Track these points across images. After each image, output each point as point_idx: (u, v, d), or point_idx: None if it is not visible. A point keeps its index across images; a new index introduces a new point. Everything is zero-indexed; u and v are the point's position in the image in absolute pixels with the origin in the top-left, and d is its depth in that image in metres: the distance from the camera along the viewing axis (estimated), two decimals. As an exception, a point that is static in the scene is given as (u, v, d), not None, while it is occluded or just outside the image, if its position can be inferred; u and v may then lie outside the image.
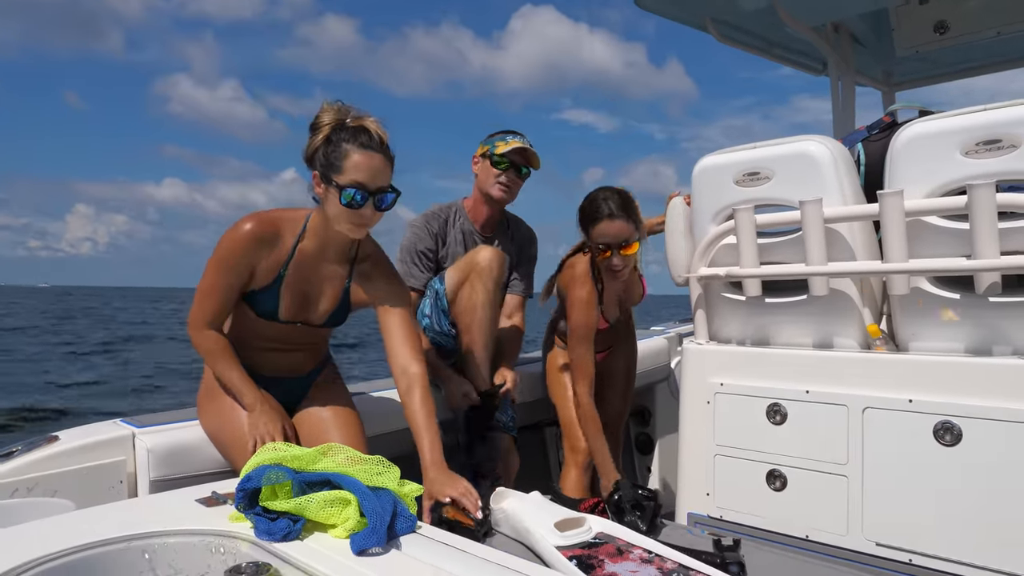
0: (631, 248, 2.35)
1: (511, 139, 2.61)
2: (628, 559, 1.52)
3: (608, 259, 2.36)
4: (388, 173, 1.89)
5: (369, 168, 1.83)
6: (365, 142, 1.84)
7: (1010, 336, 1.74)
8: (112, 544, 1.25)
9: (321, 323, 2.12)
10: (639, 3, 3.14)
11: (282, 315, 2.04)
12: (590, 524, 1.62)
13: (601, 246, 2.34)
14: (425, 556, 1.15)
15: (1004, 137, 1.66)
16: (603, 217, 2.33)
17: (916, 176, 1.80)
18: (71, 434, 1.99)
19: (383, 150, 1.87)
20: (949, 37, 3.26)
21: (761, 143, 2.08)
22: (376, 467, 1.34)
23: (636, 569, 1.48)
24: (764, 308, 2.14)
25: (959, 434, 1.71)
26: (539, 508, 1.68)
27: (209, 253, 1.97)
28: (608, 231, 2.33)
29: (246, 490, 1.27)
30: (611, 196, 2.36)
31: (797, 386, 1.99)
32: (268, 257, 1.96)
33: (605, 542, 1.58)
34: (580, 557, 1.52)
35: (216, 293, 1.95)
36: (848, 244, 1.95)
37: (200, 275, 1.99)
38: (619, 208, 2.33)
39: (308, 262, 2.02)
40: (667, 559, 1.50)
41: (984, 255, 1.66)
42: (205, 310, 1.96)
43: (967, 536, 1.69)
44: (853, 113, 3.58)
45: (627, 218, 2.34)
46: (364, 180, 1.82)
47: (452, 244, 2.68)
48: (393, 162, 1.91)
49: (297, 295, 2.04)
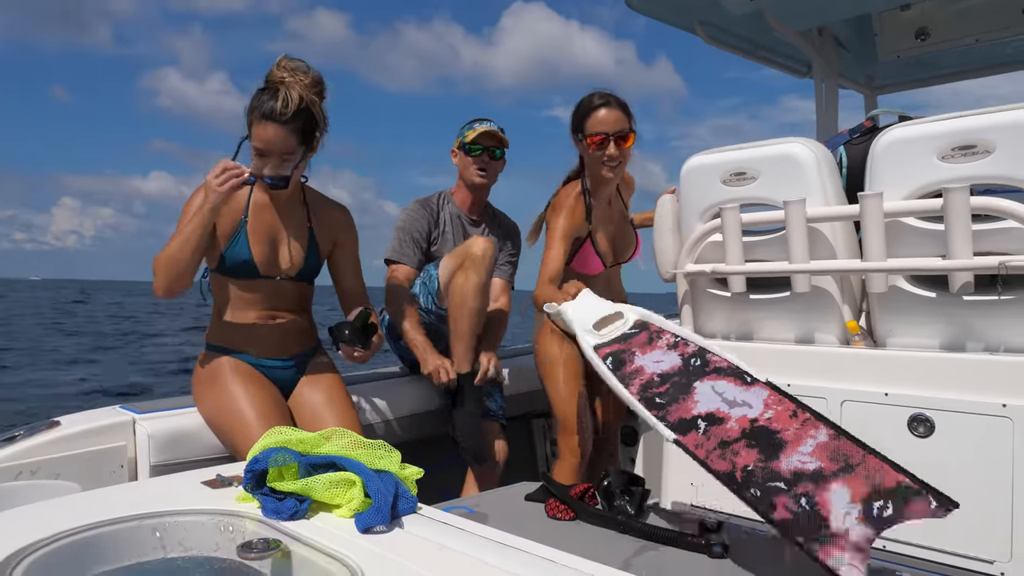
0: (628, 140, 2.30)
1: (478, 125, 2.77)
2: (656, 347, 1.72)
3: (603, 147, 2.28)
4: (289, 141, 2.00)
5: (267, 138, 1.99)
6: (268, 111, 1.97)
7: (982, 333, 1.82)
8: (123, 523, 1.29)
9: (297, 272, 2.20)
10: (630, 4, 3.21)
11: (258, 265, 2.12)
12: (627, 316, 1.84)
13: (597, 136, 2.28)
14: (427, 534, 1.21)
15: (978, 143, 1.74)
16: (598, 106, 2.28)
17: (895, 179, 1.87)
18: (72, 419, 2.04)
19: (282, 119, 1.97)
20: (930, 43, 3.36)
21: (747, 144, 2.15)
22: (379, 451, 1.40)
23: (661, 358, 1.66)
24: (748, 304, 2.21)
25: (932, 426, 1.79)
26: (585, 310, 1.96)
27: None
28: (606, 119, 2.27)
29: (254, 471, 1.32)
30: (604, 91, 2.33)
31: (779, 379, 2.06)
32: (227, 211, 2.08)
33: (639, 331, 1.79)
34: (614, 353, 1.73)
35: (180, 234, 2.00)
36: (830, 243, 2.02)
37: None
38: (615, 101, 2.29)
39: (264, 209, 2.15)
40: (690, 343, 1.71)
41: (958, 255, 1.74)
42: (162, 252, 2.03)
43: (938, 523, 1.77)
44: (836, 115, 3.66)
45: (623, 109, 2.29)
46: (261, 147, 2.01)
47: (443, 226, 2.81)
48: (304, 128, 2.02)
49: (265, 241, 2.13)
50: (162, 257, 2.00)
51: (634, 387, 1.67)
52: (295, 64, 2.04)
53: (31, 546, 1.18)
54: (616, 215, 2.68)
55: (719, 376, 1.65)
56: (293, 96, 1.98)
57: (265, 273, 2.15)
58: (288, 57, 2.05)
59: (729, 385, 1.64)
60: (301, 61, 2.05)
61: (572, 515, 1.67)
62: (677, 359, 1.64)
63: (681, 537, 1.50)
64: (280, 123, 1.98)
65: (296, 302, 2.25)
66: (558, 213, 2.43)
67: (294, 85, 1.99)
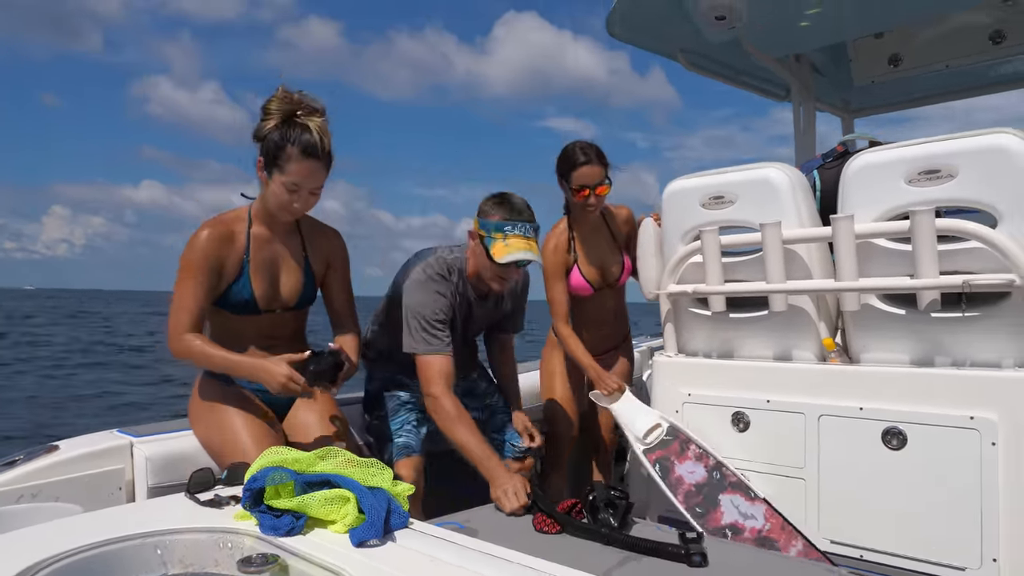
0: (605, 189, 2.69)
1: (511, 233, 2.24)
2: (687, 457, 2.21)
3: (586, 198, 2.67)
4: (323, 175, 2.10)
5: (307, 174, 2.05)
6: (308, 148, 2.03)
7: (949, 348, 1.90)
8: (125, 541, 1.34)
9: (295, 302, 2.25)
10: (612, 33, 3.30)
11: (259, 301, 2.16)
12: (663, 425, 2.29)
13: (582, 190, 2.66)
14: (419, 547, 1.27)
15: (943, 168, 1.83)
16: (580, 164, 2.65)
17: (865, 202, 1.96)
18: (70, 443, 2.08)
19: (322, 155, 2.06)
20: (903, 69, 3.48)
21: (726, 169, 2.24)
22: (372, 469, 1.45)
23: (693, 469, 2.19)
24: (728, 323, 2.29)
25: (904, 439, 1.86)
26: (631, 415, 2.42)
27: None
28: (588, 175, 2.65)
29: (252, 490, 1.38)
30: (586, 146, 2.68)
31: (759, 395, 2.14)
32: (230, 251, 2.11)
33: (673, 439, 2.25)
34: (660, 460, 2.23)
35: (191, 299, 2.05)
36: (805, 264, 2.10)
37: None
38: (595, 156, 2.66)
39: (265, 244, 2.18)
40: (710, 456, 2.18)
41: (925, 275, 1.82)
42: (183, 318, 2.05)
43: (912, 533, 1.84)
44: (814, 138, 3.77)
45: (600, 164, 2.67)
46: (300, 183, 2.05)
47: (456, 309, 2.45)
48: (331, 162, 2.11)
49: (266, 277, 2.17)
50: (195, 354, 2.05)
51: (680, 496, 2.19)
52: (311, 99, 2.09)
53: (36, 566, 1.22)
54: (603, 242, 2.85)
55: (733, 491, 2.14)
56: (326, 133, 2.07)
57: (265, 308, 2.18)
58: (287, 88, 2.09)
59: (741, 499, 2.12)
60: (304, 93, 2.11)
61: (558, 529, 1.73)
62: (703, 472, 2.18)
63: (662, 547, 1.56)
64: (319, 159, 2.05)
65: (293, 330, 2.29)
66: (546, 254, 2.78)
67: (320, 122, 2.06)
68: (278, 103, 2.06)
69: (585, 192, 2.65)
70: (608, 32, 3.28)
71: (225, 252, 2.09)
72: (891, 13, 2.98)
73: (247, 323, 2.17)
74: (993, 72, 3.52)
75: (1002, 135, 1.75)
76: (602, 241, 2.86)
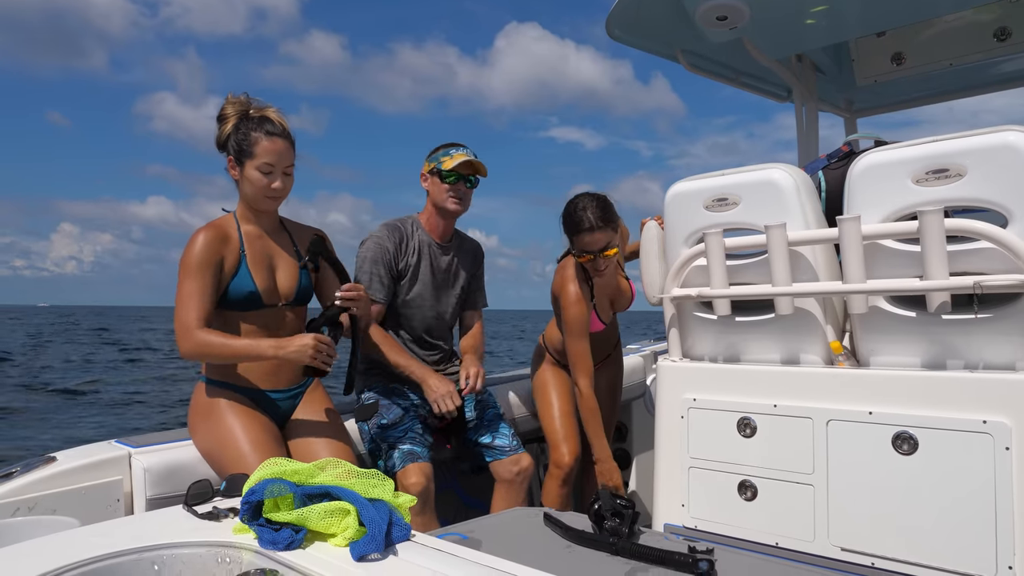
0: (611, 251, 2.65)
1: (455, 152, 2.73)
2: None
3: (592, 261, 2.65)
4: (291, 154, 2.25)
5: (276, 151, 2.19)
6: (270, 129, 2.20)
7: (961, 351, 1.87)
8: (123, 556, 1.32)
9: (294, 296, 2.30)
10: (611, 35, 3.28)
11: (262, 294, 2.21)
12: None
13: (588, 254, 2.64)
14: (421, 560, 1.23)
15: (951, 166, 1.79)
16: (584, 230, 2.59)
17: (872, 202, 1.93)
18: (68, 455, 2.05)
19: (286, 134, 2.23)
20: (905, 68, 3.45)
21: (729, 170, 2.21)
22: (372, 480, 1.42)
23: None
24: (734, 326, 2.25)
25: (915, 444, 1.82)
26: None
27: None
28: (594, 241, 2.61)
29: (250, 503, 1.35)
30: (590, 206, 2.61)
31: (765, 400, 2.11)
32: (227, 249, 2.19)
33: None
34: None
35: (197, 295, 2.09)
36: (811, 266, 2.07)
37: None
38: (599, 220, 2.59)
39: (256, 239, 2.27)
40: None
41: (934, 276, 1.78)
42: (192, 315, 2.08)
43: (924, 540, 1.81)
44: (817, 138, 3.74)
45: (606, 227, 2.60)
46: (273, 161, 2.18)
47: (412, 255, 2.76)
48: (294, 143, 2.27)
49: (264, 269, 2.24)
50: (212, 345, 2.07)
51: None
52: (259, 100, 2.27)
53: None
54: (610, 276, 2.86)
55: None
56: (283, 119, 2.24)
57: (268, 302, 2.22)
58: (234, 95, 2.26)
59: None
60: (251, 96, 2.28)
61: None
62: None
63: (669, 556, 1.53)
64: (285, 138, 2.21)
65: (295, 328, 2.29)
66: (567, 305, 2.72)
67: (274, 111, 2.25)
68: (231, 107, 2.23)
69: (591, 256, 2.64)
70: (608, 34, 3.26)
71: (223, 249, 2.17)
72: (894, 11, 2.95)
73: (252, 320, 2.21)
74: (998, 70, 3.49)
75: (1011, 132, 1.72)
76: (612, 278, 2.89)
